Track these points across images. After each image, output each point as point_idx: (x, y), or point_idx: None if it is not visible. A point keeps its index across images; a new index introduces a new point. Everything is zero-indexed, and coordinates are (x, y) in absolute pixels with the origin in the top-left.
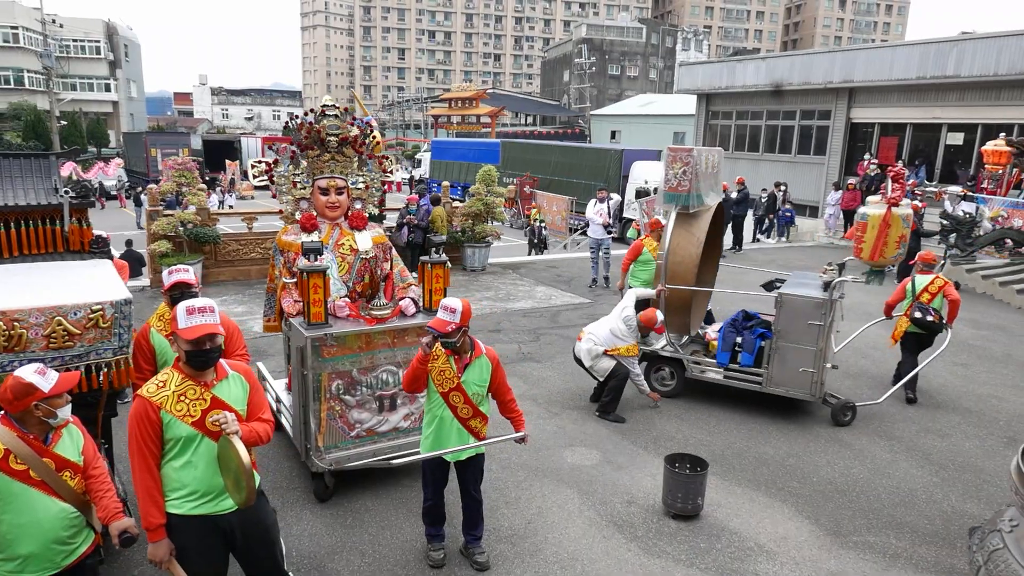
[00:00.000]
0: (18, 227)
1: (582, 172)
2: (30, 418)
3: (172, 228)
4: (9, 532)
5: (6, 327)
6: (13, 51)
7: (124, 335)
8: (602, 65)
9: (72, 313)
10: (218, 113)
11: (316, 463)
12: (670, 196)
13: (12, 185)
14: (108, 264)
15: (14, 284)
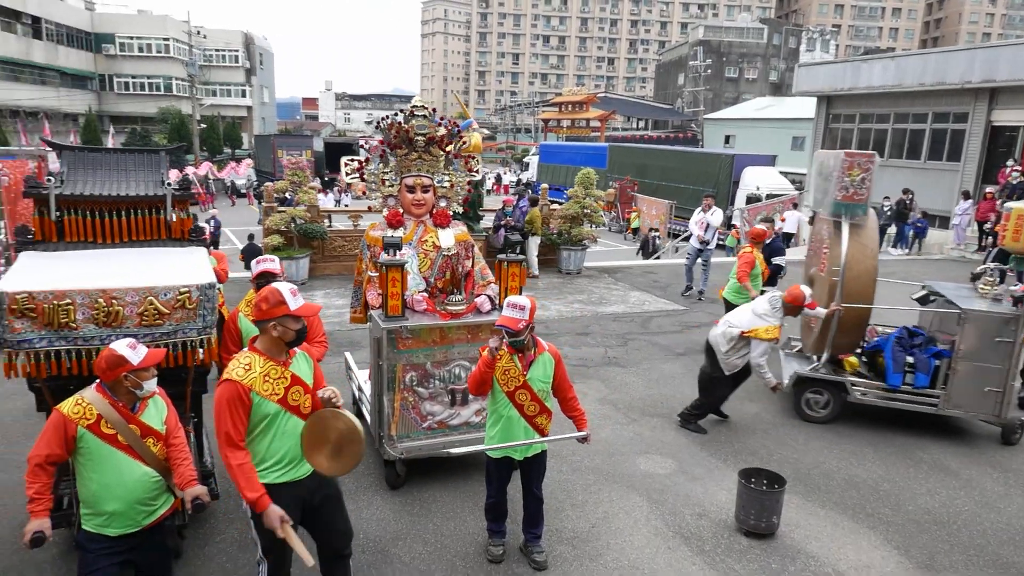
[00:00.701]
0: (128, 215)
1: (690, 177)
2: (120, 387)
3: (284, 223)
4: (98, 490)
5: (106, 304)
6: (164, 60)
7: (208, 316)
8: (719, 67)
9: (163, 294)
10: (340, 117)
11: (388, 451)
12: (844, 206)
13: (126, 177)
14: (202, 251)
15: (116, 266)
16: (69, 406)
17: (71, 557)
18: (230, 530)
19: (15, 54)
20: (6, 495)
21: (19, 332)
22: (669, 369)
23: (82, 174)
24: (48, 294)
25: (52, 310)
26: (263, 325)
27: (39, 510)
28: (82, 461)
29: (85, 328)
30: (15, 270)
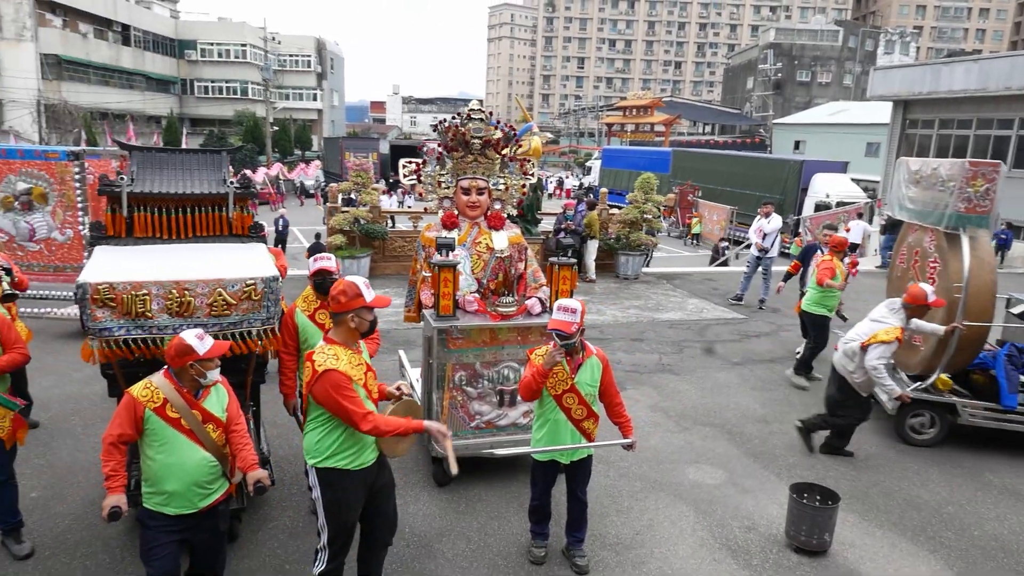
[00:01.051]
0: (193, 212)
1: (756, 183)
2: (185, 374)
3: (347, 224)
4: (160, 470)
5: (179, 295)
6: (241, 65)
7: (271, 308)
8: (790, 71)
9: (231, 286)
10: (407, 120)
11: (436, 448)
12: (965, 218)
13: (191, 176)
14: (262, 247)
15: (186, 259)
16: (139, 389)
17: (135, 535)
18: (283, 517)
19: (106, 60)
20: (80, 473)
21: (100, 320)
22: (724, 378)
23: (151, 173)
24: (127, 285)
25: (130, 300)
26: (341, 317)
27: (115, 487)
28: (147, 441)
29: (160, 317)
30: (93, 263)
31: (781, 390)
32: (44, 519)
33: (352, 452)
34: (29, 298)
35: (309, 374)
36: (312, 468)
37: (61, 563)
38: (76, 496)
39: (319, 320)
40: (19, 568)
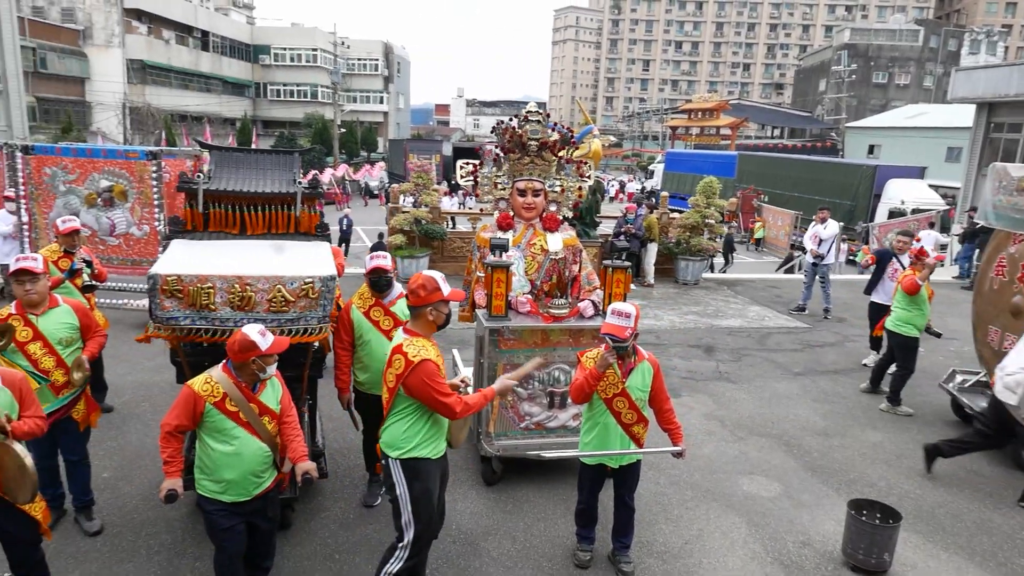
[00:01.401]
0: (263, 210)
1: (826, 189)
2: (246, 369)
3: (407, 224)
4: (219, 460)
5: (241, 289)
6: (311, 69)
7: (327, 306)
8: (865, 73)
9: (290, 283)
10: (470, 123)
11: (485, 448)
12: None
13: (264, 175)
14: (326, 246)
15: (251, 255)
16: (199, 384)
17: (195, 517)
18: (335, 508)
19: (186, 64)
20: (148, 457)
21: (168, 310)
22: (784, 388)
23: (227, 171)
24: (193, 277)
25: (196, 292)
26: (420, 310)
27: (172, 471)
28: (207, 433)
29: (222, 310)
30: (167, 255)
31: (844, 403)
32: (113, 499)
33: (434, 440)
34: (107, 289)
35: (402, 366)
36: (396, 461)
37: (127, 541)
38: (143, 478)
39: (373, 317)
40: (89, 544)
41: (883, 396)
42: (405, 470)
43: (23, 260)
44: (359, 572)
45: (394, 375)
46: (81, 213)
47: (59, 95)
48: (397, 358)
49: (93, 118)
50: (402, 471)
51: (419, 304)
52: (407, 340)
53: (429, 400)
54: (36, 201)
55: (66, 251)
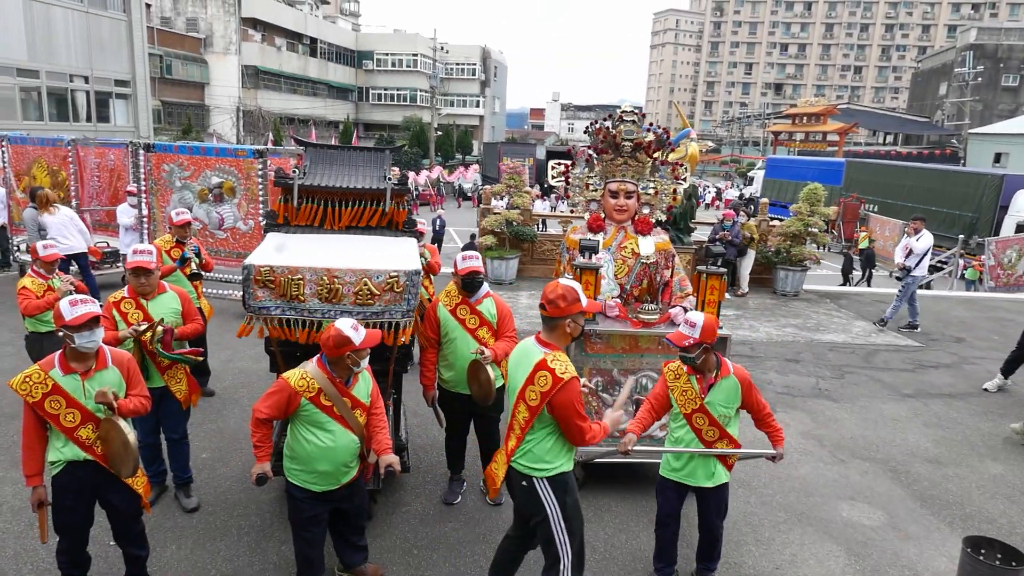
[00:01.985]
0: (354, 205)
1: (945, 200)
2: (341, 363)
3: (498, 225)
4: (313, 452)
5: (329, 281)
6: (411, 74)
7: (411, 300)
8: (993, 75)
9: (375, 276)
10: (564, 127)
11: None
12: None
13: (356, 172)
14: (413, 242)
15: (339, 248)
16: (295, 379)
17: (282, 501)
18: (415, 503)
19: (295, 70)
20: (244, 440)
21: (260, 300)
22: (891, 410)
23: (321, 168)
24: (285, 268)
25: (287, 283)
26: (558, 322)
27: (262, 455)
28: (301, 425)
29: (311, 301)
30: (262, 247)
31: (960, 429)
32: (210, 479)
33: (571, 452)
34: (214, 280)
35: (548, 383)
36: (543, 480)
37: (220, 520)
38: (239, 461)
39: (460, 315)
40: (186, 520)
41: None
42: (554, 487)
43: (139, 255)
44: (437, 569)
45: (539, 392)
46: (194, 207)
47: (181, 99)
48: (543, 375)
49: (210, 120)
50: (551, 489)
51: (558, 315)
52: (550, 355)
53: (567, 421)
54: (155, 195)
55: (178, 241)
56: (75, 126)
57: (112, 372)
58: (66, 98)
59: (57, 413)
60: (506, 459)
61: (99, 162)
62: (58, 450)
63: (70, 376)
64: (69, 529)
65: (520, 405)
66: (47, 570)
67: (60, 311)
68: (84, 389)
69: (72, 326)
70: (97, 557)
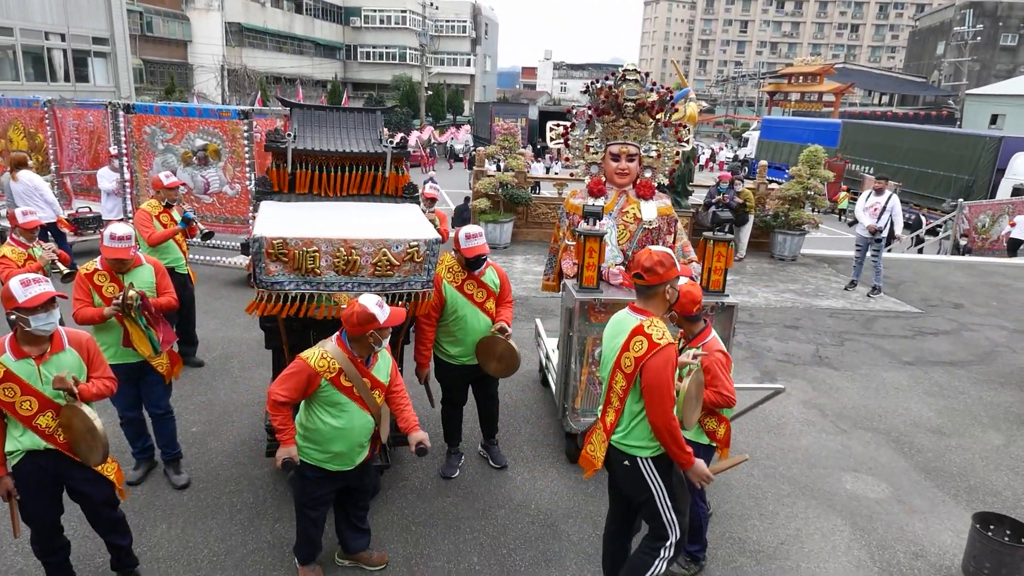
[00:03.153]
0: (351, 170)
1: (941, 162)
2: (362, 342)
3: (492, 188)
4: (330, 432)
5: (346, 253)
6: (400, 31)
7: (431, 271)
8: (992, 34)
9: (395, 246)
10: (557, 87)
11: (571, 424)
12: None
13: (348, 134)
14: (416, 208)
15: (350, 218)
16: (315, 359)
17: (277, 476)
18: (413, 477)
19: (281, 27)
20: (235, 413)
21: (273, 274)
22: (892, 378)
23: (310, 131)
24: (299, 240)
25: (301, 256)
26: (657, 289)
27: (286, 438)
28: (318, 406)
29: (327, 274)
30: (264, 217)
31: (962, 399)
32: (201, 454)
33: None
34: (200, 247)
35: (644, 347)
36: (648, 460)
37: (212, 497)
38: (230, 434)
39: (467, 291)
40: (176, 497)
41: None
42: (659, 467)
43: (117, 241)
44: (435, 545)
45: (633, 358)
46: (178, 171)
47: (163, 57)
48: (638, 339)
49: (194, 80)
50: (655, 468)
51: (657, 283)
52: (647, 321)
53: (658, 389)
54: (137, 158)
55: (167, 205)
56: (53, 86)
57: (70, 354)
58: (42, 57)
59: (12, 401)
60: (605, 436)
61: (78, 123)
62: (16, 439)
63: (23, 361)
64: (35, 519)
65: (617, 375)
66: (27, 551)
67: (11, 291)
68: (40, 374)
69: (26, 308)
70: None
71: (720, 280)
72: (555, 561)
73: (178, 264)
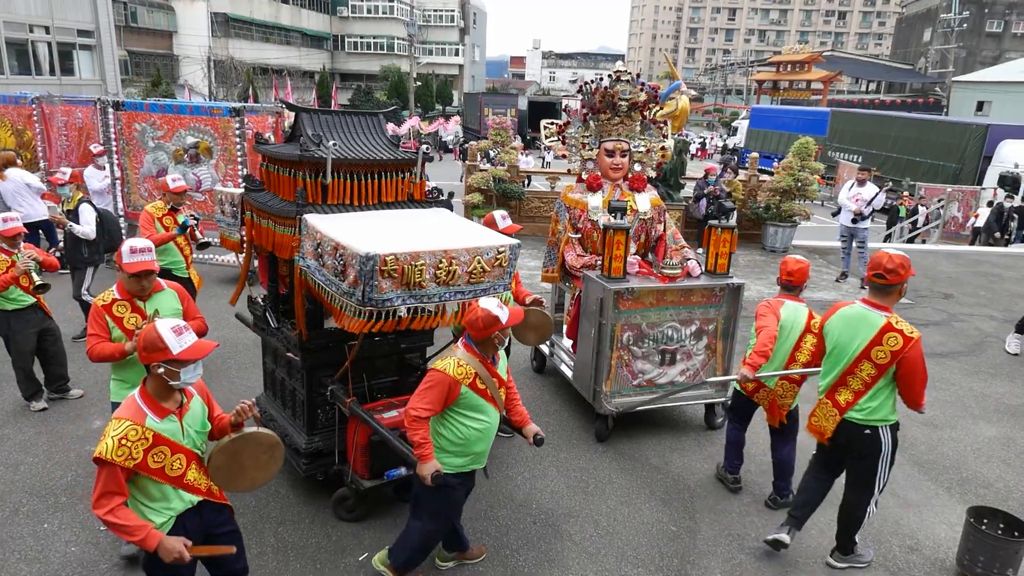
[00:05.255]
0: (379, 178)
1: (929, 150)
2: (488, 344)
3: (485, 182)
4: (471, 435)
5: (447, 263)
6: (387, 21)
7: (511, 273)
8: (978, 21)
9: (486, 253)
10: (546, 76)
11: (605, 406)
12: None
13: (358, 139)
14: (451, 212)
15: (408, 227)
16: (452, 368)
17: (280, 480)
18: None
19: (267, 17)
20: None
21: (385, 292)
22: None
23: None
24: (407, 255)
25: (410, 270)
26: (897, 287)
27: (428, 453)
28: (459, 412)
29: (430, 287)
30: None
31: (953, 391)
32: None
33: None
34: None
35: (900, 342)
36: (888, 428)
37: None
38: None
39: None
40: None
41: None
42: (893, 433)
43: (139, 254)
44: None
45: (888, 351)
46: (169, 168)
47: (148, 48)
48: (892, 336)
49: (180, 71)
50: (891, 434)
51: (898, 282)
52: (892, 318)
53: (914, 376)
54: (127, 156)
55: (172, 208)
56: (38, 80)
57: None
58: (27, 50)
59: (162, 465)
60: (839, 412)
61: (66, 120)
62: (163, 508)
63: (167, 420)
64: None
65: (864, 363)
66: (35, 559)
67: (163, 340)
68: (183, 428)
69: (179, 360)
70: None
71: (725, 264)
72: (558, 561)
73: (176, 267)
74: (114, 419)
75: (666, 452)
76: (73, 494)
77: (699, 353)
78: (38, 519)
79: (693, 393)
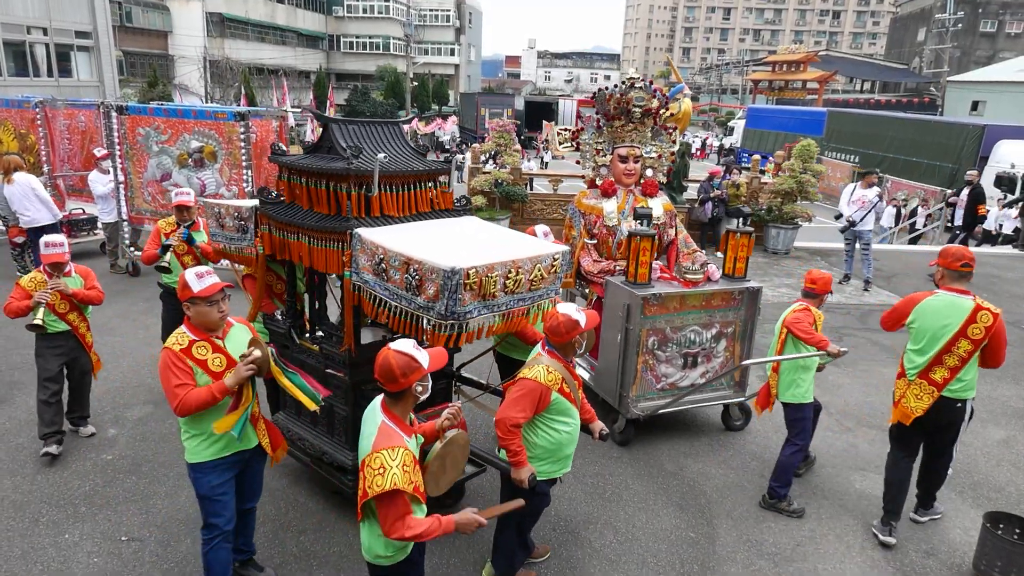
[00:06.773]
0: (413, 188)
1: (926, 151)
2: (569, 348)
3: (487, 185)
4: (563, 439)
5: (515, 273)
6: (384, 21)
7: (560, 278)
8: (972, 20)
9: (544, 260)
10: (541, 75)
11: (632, 410)
12: None
13: (381, 148)
14: (475, 219)
15: (464, 238)
16: (543, 376)
17: (299, 488)
18: None
19: (263, 17)
20: None
21: (466, 305)
22: (891, 374)
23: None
24: (484, 267)
25: (487, 282)
26: (972, 274)
27: (523, 459)
28: (549, 418)
29: (500, 297)
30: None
31: None
32: None
33: None
34: None
35: (990, 319)
36: (972, 400)
37: None
38: None
39: None
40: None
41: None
42: (972, 405)
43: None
44: (460, 555)
45: (983, 327)
46: (173, 173)
47: (143, 48)
48: (983, 314)
49: (176, 71)
50: (971, 407)
51: (974, 269)
52: (979, 298)
53: (1000, 346)
54: (131, 160)
55: (179, 224)
56: (36, 81)
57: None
58: (24, 51)
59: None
60: (937, 389)
61: (69, 123)
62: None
63: (414, 438)
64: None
65: (961, 342)
66: (58, 570)
67: (415, 359)
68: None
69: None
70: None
71: (743, 268)
72: (580, 569)
73: (174, 283)
74: (386, 450)
75: (680, 457)
76: (92, 503)
77: (719, 356)
78: (59, 529)
79: (712, 394)
